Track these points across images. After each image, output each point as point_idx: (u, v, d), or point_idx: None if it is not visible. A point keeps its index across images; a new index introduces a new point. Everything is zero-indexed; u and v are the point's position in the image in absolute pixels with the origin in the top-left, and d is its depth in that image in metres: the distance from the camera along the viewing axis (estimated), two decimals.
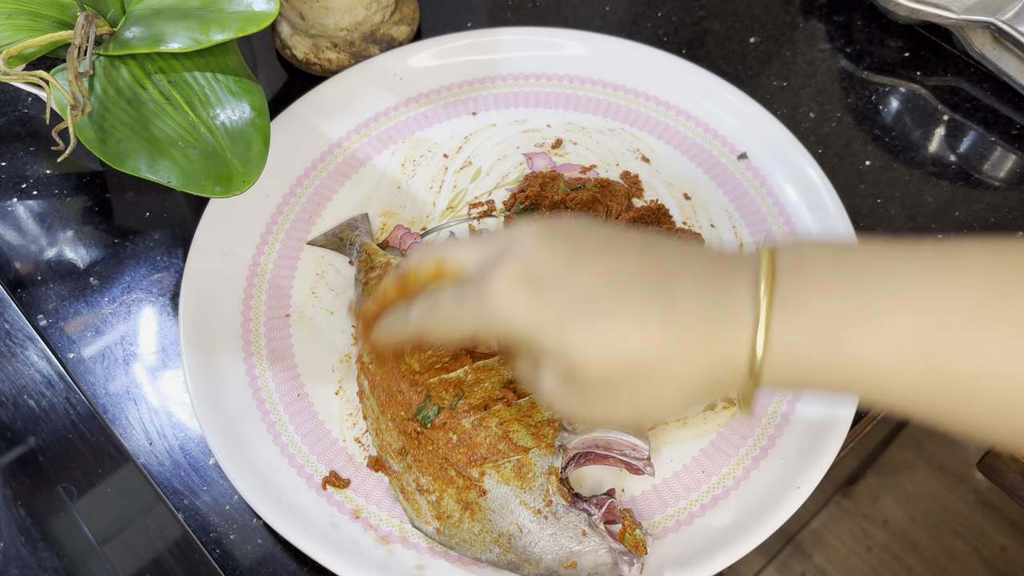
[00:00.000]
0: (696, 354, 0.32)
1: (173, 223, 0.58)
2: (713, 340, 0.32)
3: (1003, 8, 0.61)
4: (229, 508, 0.48)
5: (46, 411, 0.52)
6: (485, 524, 0.43)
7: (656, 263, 0.34)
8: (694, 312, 0.32)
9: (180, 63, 0.48)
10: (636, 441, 0.45)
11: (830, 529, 1.23)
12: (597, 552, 0.42)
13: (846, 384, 0.32)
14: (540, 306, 0.33)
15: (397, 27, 0.65)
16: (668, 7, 0.70)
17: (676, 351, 0.32)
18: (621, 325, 0.32)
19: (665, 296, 0.33)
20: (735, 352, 0.32)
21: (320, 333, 0.53)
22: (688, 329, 0.32)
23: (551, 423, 0.46)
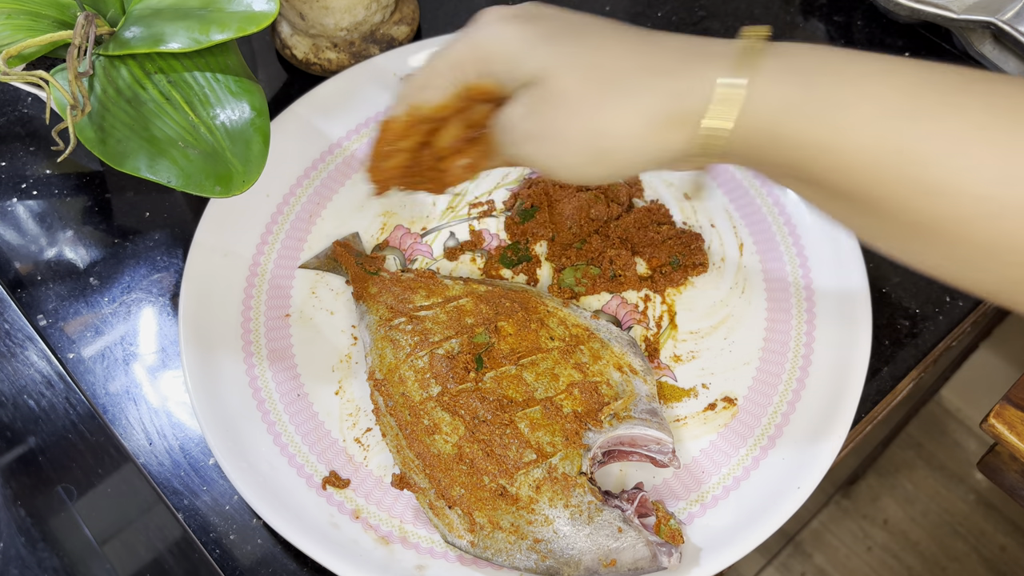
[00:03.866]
0: (668, 79, 0.32)
1: (173, 223, 0.58)
2: (688, 68, 0.32)
3: (1003, 8, 0.61)
4: (229, 508, 0.48)
5: (46, 411, 0.52)
6: (520, 532, 0.43)
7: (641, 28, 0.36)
8: (675, 48, 0.33)
9: (180, 63, 0.48)
10: (660, 435, 0.45)
11: (830, 529, 1.23)
12: (635, 547, 0.42)
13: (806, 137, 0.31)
14: (529, 26, 0.35)
15: (397, 27, 0.65)
16: (668, 7, 0.70)
17: (649, 73, 0.33)
18: (604, 43, 0.34)
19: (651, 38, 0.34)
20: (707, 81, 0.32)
21: (320, 333, 0.53)
22: (666, 57, 0.33)
23: (577, 419, 0.46)
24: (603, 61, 0.33)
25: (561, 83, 0.34)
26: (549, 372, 0.48)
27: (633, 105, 0.33)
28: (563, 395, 0.47)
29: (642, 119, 0.33)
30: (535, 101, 0.35)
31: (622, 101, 0.33)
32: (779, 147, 0.32)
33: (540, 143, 0.35)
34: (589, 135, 0.34)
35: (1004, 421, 0.49)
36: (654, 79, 0.33)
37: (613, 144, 0.34)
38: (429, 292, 0.52)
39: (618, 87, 0.33)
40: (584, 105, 0.33)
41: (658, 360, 0.52)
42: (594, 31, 0.35)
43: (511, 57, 0.35)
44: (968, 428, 1.29)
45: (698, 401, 0.50)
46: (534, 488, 0.44)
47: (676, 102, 0.32)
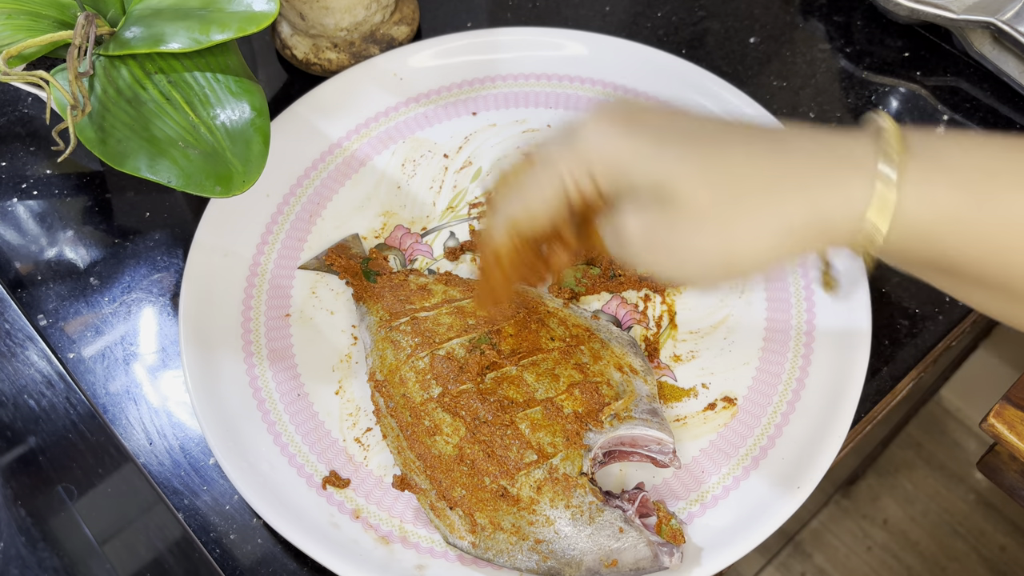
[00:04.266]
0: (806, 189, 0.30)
1: (173, 223, 0.58)
2: (827, 176, 0.30)
3: (1003, 8, 0.61)
4: (229, 508, 0.48)
5: (46, 411, 0.52)
6: (521, 533, 0.43)
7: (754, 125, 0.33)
8: (807, 152, 0.31)
9: (180, 63, 0.48)
10: (660, 435, 0.45)
11: (830, 529, 1.23)
12: (636, 547, 0.42)
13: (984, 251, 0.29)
14: (637, 133, 0.33)
15: (397, 27, 0.65)
16: (668, 7, 0.70)
17: (785, 183, 0.30)
18: (727, 151, 0.31)
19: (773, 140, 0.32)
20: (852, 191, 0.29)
21: (320, 333, 0.53)
22: (800, 163, 0.30)
23: (578, 419, 0.46)
24: (731, 170, 0.31)
25: (684, 195, 0.32)
26: (550, 372, 0.48)
27: (769, 219, 0.31)
28: (564, 395, 0.47)
29: (778, 235, 0.31)
30: (654, 215, 0.33)
31: (756, 218, 0.31)
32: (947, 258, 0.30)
33: (664, 256, 0.33)
34: (721, 252, 0.32)
35: (1004, 421, 0.49)
36: (789, 192, 0.31)
37: (747, 260, 0.32)
38: (431, 294, 0.52)
39: (751, 202, 0.31)
40: (714, 222, 0.31)
41: (658, 360, 0.52)
42: (709, 135, 0.33)
43: (622, 168, 0.33)
44: (968, 428, 1.29)
45: (698, 401, 0.50)
46: (535, 489, 0.44)
47: (813, 215, 0.31)
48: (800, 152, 0.31)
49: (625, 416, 0.46)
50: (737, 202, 0.31)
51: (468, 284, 0.53)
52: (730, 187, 0.31)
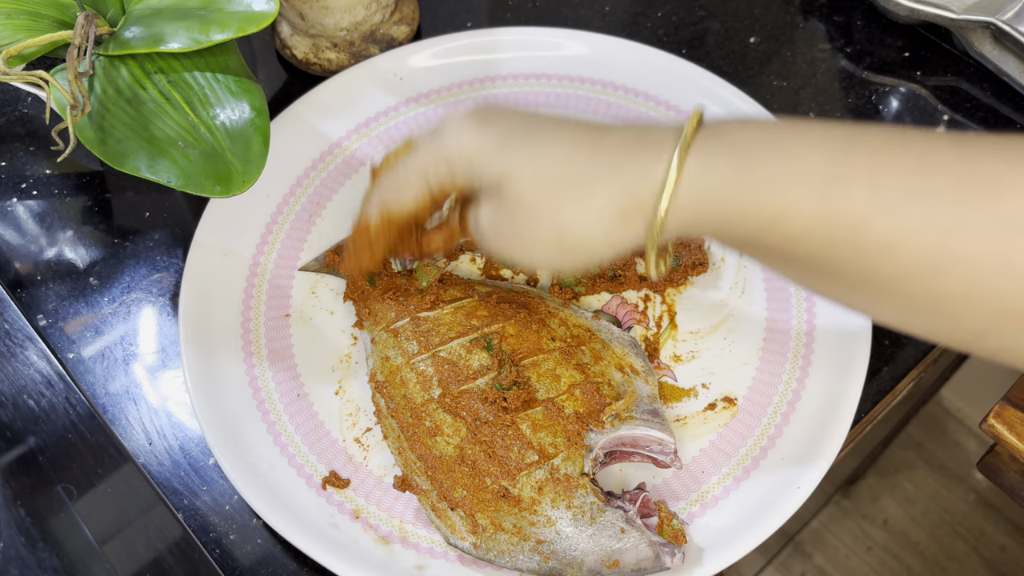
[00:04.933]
0: (617, 174, 0.34)
1: (173, 223, 0.58)
2: (633, 161, 0.34)
3: (1003, 8, 0.61)
4: (229, 508, 0.48)
5: (46, 411, 0.52)
6: (522, 533, 0.43)
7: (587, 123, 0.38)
8: (620, 141, 0.35)
9: (180, 63, 0.48)
10: (662, 436, 0.45)
11: (830, 529, 1.23)
12: (638, 547, 0.42)
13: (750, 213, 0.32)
14: (485, 133, 0.37)
15: (397, 27, 0.65)
16: (668, 7, 0.70)
17: (599, 171, 0.35)
18: (554, 147, 0.36)
19: (596, 134, 0.36)
20: (653, 172, 0.34)
21: (320, 333, 0.53)
22: (612, 152, 0.35)
23: (579, 420, 0.46)
24: (555, 164, 0.36)
25: (518, 189, 0.36)
26: (551, 373, 0.48)
27: (588, 204, 0.35)
28: (565, 396, 0.47)
29: (599, 215, 0.35)
30: (497, 206, 0.37)
31: (577, 202, 0.35)
32: (727, 224, 0.34)
33: (508, 243, 0.38)
34: (553, 235, 0.36)
35: (1004, 421, 0.49)
36: (603, 176, 0.35)
37: (577, 241, 0.36)
38: (431, 295, 0.52)
39: (571, 188, 0.35)
40: (543, 208, 0.36)
41: (658, 360, 0.52)
42: (544, 133, 0.37)
43: (471, 164, 0.38)
44: (968, 428, 1.29)
45: (698, 401, 0.50)
46: (536, 489, 0.44)
47: (626, 195, 0.34)
48: (615, 143, 0.35)
49: (626, 416, 0.46)
50: (561, 191, 0.35)
51: (468, 284, 0.53)
52: (555, 179, 0.35)
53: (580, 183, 0.35)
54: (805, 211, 0.31)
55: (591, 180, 0.35)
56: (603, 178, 0.35)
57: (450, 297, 0.51)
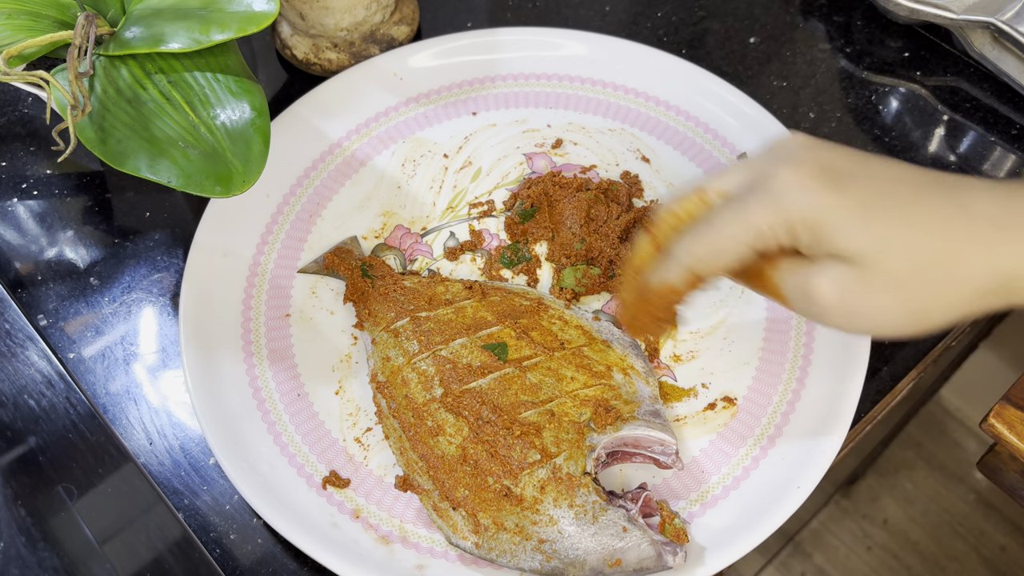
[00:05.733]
0: (994, 255, 0.33)
1: (173, 223, 0.58)
2: (1009, 240, 0.33)
3: (1003, 8, 0.61)
4: (229, 508, 0.48)
5: (46, 411, 0.52)
6: (525, 533, 0.43)
7: (942, 175, 0.36)
8: (992, 213, 0.34)
9: (180, 63, 0.48)
10: (663, 436, 0.45)
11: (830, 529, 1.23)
12: (640, 546, 0.42)
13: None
14: (839, 196, 0.34)
15: (397, 27, 0.65)
16: (668, 7, 0.70)
17: (975, 249, 0.33)
18: (924, 218, 0.34)
19: (961, 200, 0.34)
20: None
21: (320, 333, 0.53)
22: (985, 226, 0.33)
23: (578, 425, 0.46)
24: (928, 237, 0.34)
25: (888, 264, 0.34)
26: (552, 373, 0.48)
27: (960, 287, 0.34)
28: (566, 396, 0.47)
29: (968, 298, 0.34)
30: (852, 281, 0.34)
31: (950, 281, 0.34)
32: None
33: (854, 319, 0.35)
34: (915, 315, 0.35)
35: (1004, 421, 0.49)
36: (979, 255, 0.34)
37: (938, 319, 0.35)
38: (431, 295, 0.52)
39: (945, 265, 0.34)
40: (912, 285, 0.34)
41: (658, 360, 0.52)
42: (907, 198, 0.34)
43: (825, 233, 0.34)
44: (968, 428, 1.29)
45: (698, 401, 0.50)
46: (538, 488, 0.44)
47: (1000, 280, 0.34)
48: (985, 214, 0.34)
49: (628, 417, 0.46)
50: (934, 268, 0.34)
51: (468, 284, 0.53)
52: (929, 254, 0.34)
53: (955, 260, 0.34)
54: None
55: (967, 257, 0.34)
56: (979, 256, 0.34)
57: (451, 297, 0.51)
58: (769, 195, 0.35)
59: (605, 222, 0.55)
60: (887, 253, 0.34)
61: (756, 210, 0.35)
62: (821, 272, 0.35)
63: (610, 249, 0.54)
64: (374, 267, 0.54)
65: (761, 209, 0.35)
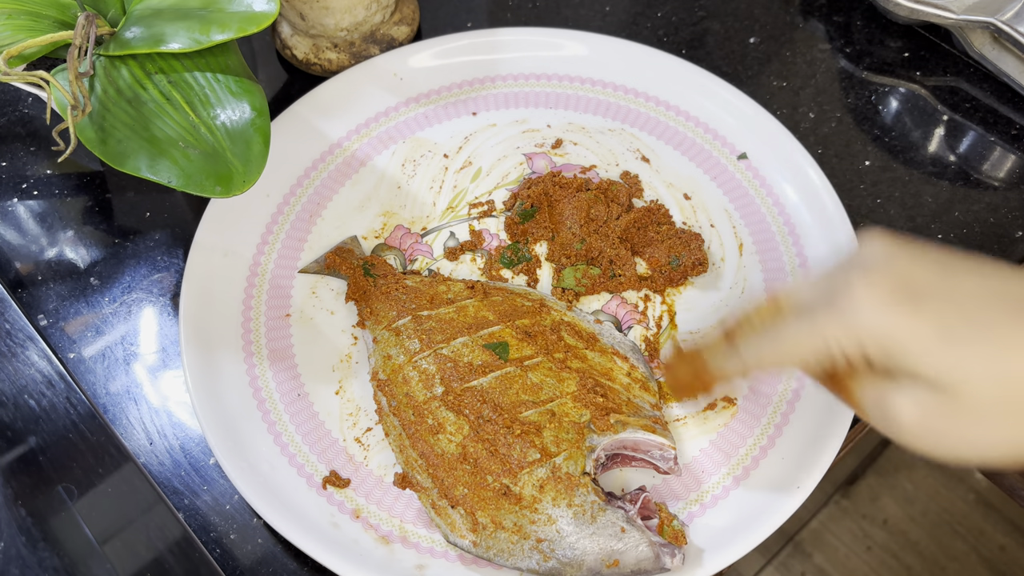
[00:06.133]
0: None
1: (173, 223, 0.58)
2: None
3: (1003, 8, 0.61)
4: (229, 508, 0.48)
5: (46, 411, 0.52)
6: (523, 532, 0.43)
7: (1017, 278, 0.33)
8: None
9: (180, 63, 0.48)
10: (663, 441, 0.45)
11: (830, 529, 1.23)
12: (638, 547, 0.42)
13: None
14: (918, 317, 0.32)
15: (397, 27, 0.65)
16: (668, 7, 0.70)
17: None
18: (1011, 342, 0.31)
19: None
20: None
21: (320, 333, 0.53)
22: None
23: (579, 426, 0.46)
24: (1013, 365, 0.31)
25: (971, 394, 0.31)
26: (554, 374, 0.48)
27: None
28: (567, 397, 0.47)
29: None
30: (935, 406, 0.32)
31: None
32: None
33: (941, 442, 0.33)
34: (1004, 445, 0.32)
35: None
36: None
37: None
38: (433, 294, 0.52)
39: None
40: (1000, 418, 0.32)
41: (658, 360, 0.52)
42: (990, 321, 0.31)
43: (902, 355, 0.32)
44: None
45: (698, 401, 0.50)
46: (537, 488, 0.44)
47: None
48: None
49: (628, 421, 0.46)
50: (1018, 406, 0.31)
51: (470, 284, 0.53)
52: (1013, 385, 0.31)
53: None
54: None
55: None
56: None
57: (453, 296, 0.52)
58: (840, 311, 0.33)
59: (605, 222, 0.55)
60: (972, 380, 0.31)
61: (826, 325, 0.33)
62: (901, 392, 0.33)
63: (610, 249, 0.54)
64: (376, 266, 0.54)
65: (831, 325, 0.33)
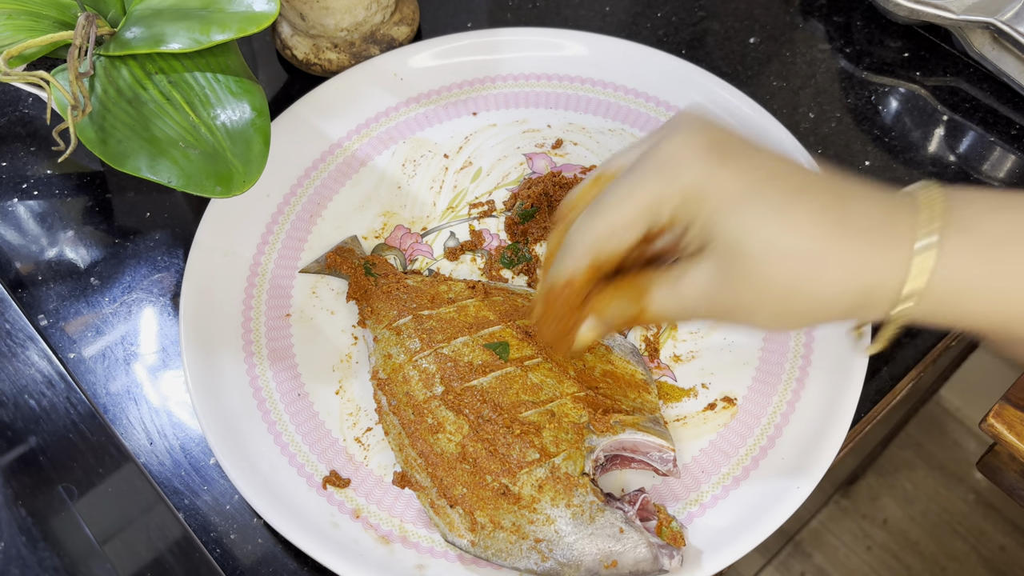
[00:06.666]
0: (863, 268, 0.33)
1: (173, 223, 0.58)
2: (880, 256, 0.32)
3: (1003, 8, 0.61)
4: (229, 508, 0.48)
5: (47, 411, 0.52)
6: (521, 532, 0.43)
7: (827, 175, 0.35)
8: (867, 220, 0.33)
9: (180, 63, 0.48)
10: (662, 443, 0.45)
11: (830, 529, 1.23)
12: (636, 548, 0.42)
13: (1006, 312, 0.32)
14: (722, 171, 0.33)
15: (397, 27, 0.65)
16: (668, 7, 0.70)
17: (844, 258, 0.32)
18: (798, 217, 0.33)
19: (841, 203, 0.33)
20: (898, 271, 0.32)
21: (320, 333, 0.53)
22: (860, 235, 0.32)
23: (578, 427, 0.46)
24: (800, 237, 0.33)
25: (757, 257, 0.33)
26: (554, 375, 0.48)
27: (827, 290, 0.33)
28: (567, 397, 0.47)
29: (836, 300, 0.33)
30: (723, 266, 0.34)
31: (816, 284, 0.33)
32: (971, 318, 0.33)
33: (728, 313, 0.35)
34: (779, 310, 0.34)
35: (1003, 421, 0.49)
36: (847, 264, 0.33)
37: (799, 320, 0.34)
38: (434, 293, 0.52)
39: (813, 269, 0.33)
40: (777, 283, 0.33)
41: (658, 360, 0.52)
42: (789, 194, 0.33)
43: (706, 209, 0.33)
44: (967, 428, 1.30)
45: (698, 401, 0.50)
46: (536, 487, 0.44)
47: (868, 291, 0.33)
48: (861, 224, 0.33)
49: (628, 422, 0.46)
50: (802, 269, 0.33)
51: (471, 284, 0.53)
52: (798, 255, 0.33)
53: (823, 265, 0.33)
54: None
55: (834, 265, 0.33)
56: (847, 266, 0.33)
57: (454, 296, 0.52)
58: (661, 164, 0.34)
59: None
60: (759, 245, 0.33)
61: (650, 178, 0.34)
62: (698, 265, 0.35)
63: None
64: (377, 265, 0.54)
65: (655, 177, 0.34)
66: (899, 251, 0.32)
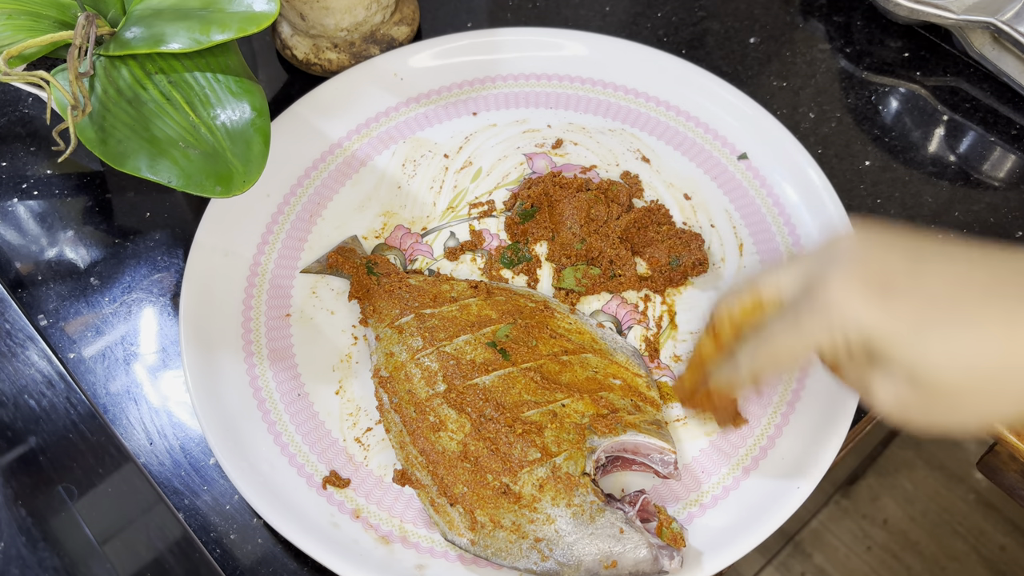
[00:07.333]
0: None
1: (173, 223, 0.58)
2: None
3: (1003, 8, 0.61)
4: (229, 508, 0.48)
5: (47, 411, 0.52)
6: (521, 531, 0.43)
7: (1009, 274, 0.34)
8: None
9: (180, 63, 0.48)
10: (663, 445, 0.45)
11: (830, 529, 1.23)
12: (636, 549, 0.42)
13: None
14: (890, 311, 0.33)
15: (397, 27, 0.65)
16: (668, 7, 0.70)
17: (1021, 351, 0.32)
18: (985, 334, 0.33)
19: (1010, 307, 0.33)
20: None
21: (320, 333, 0.53)
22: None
23: (580, 427, 0.46)
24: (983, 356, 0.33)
25: (943, 381, 0.33)
26: (555, 375, 0.48)
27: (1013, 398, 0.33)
28: (568, 398, 0.47)
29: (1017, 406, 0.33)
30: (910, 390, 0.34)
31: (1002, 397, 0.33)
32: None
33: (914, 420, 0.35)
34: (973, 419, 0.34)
35: None
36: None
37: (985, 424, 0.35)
38: (436, 292, 0.52)
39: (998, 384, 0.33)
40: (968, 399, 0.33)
41: (658, 360, 0.52)
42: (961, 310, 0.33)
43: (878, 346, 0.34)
44: None
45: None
46: (537, 487, 0.44)
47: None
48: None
49: (629, 424, 0.46)
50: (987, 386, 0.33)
51: (474, 283, 0.53)
52: (984, 372, 0.33)
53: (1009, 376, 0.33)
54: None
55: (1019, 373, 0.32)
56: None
57: (456, 295, 0.52)
58: (820, 312, 0.35)
59: (605, 222, 0.55)
60: (939, 370, 0.33)
61: (810, 328, 0.35)
62: (881, 376, 0.35)
63: (610, 249, 0.54)
64: (379, 264, 0.54)
65: (815, 327, 0.35)
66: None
